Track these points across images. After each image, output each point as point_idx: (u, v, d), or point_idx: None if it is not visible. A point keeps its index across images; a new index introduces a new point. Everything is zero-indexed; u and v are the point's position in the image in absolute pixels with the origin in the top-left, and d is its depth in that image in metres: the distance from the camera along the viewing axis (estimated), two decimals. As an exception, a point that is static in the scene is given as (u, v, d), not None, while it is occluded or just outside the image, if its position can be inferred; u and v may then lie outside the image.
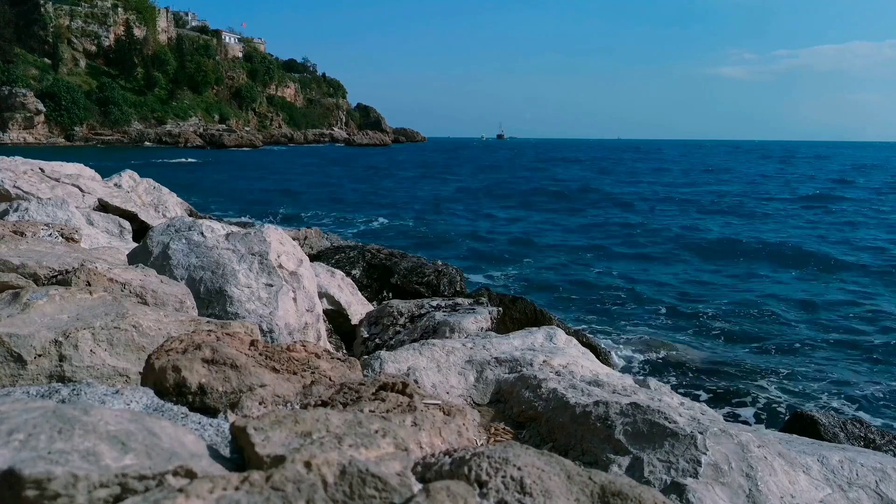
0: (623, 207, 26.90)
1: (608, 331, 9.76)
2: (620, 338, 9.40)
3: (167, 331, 1.93)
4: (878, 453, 2.49)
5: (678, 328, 9.99)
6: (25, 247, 2.89)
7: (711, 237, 19.19)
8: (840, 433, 4.84)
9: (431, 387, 2.65)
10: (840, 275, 14.19)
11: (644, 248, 17.46)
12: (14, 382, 1.64)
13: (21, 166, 6.42)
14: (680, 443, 1.99)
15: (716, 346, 9.24)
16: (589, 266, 14.92)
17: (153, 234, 3.62)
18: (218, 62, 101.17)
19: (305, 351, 1.76)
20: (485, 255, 16.07)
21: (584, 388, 2.50)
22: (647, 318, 10.54)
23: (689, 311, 10.95)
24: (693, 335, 9.66)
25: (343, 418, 1.14)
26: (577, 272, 14.21)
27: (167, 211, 8.36)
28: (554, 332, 3.40)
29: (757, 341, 9.44)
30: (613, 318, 10.52)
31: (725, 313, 10.85)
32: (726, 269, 14.85)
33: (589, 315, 10.70)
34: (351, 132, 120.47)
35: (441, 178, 42.84)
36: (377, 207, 25.05)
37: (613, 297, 11.86)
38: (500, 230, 20.27)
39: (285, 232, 4.40)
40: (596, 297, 11.86)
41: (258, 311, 3.30)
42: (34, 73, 74.81)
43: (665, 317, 10.61)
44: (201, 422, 1.31)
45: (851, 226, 22.12)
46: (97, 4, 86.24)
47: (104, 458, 0.88)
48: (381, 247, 8.58)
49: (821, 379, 8.05)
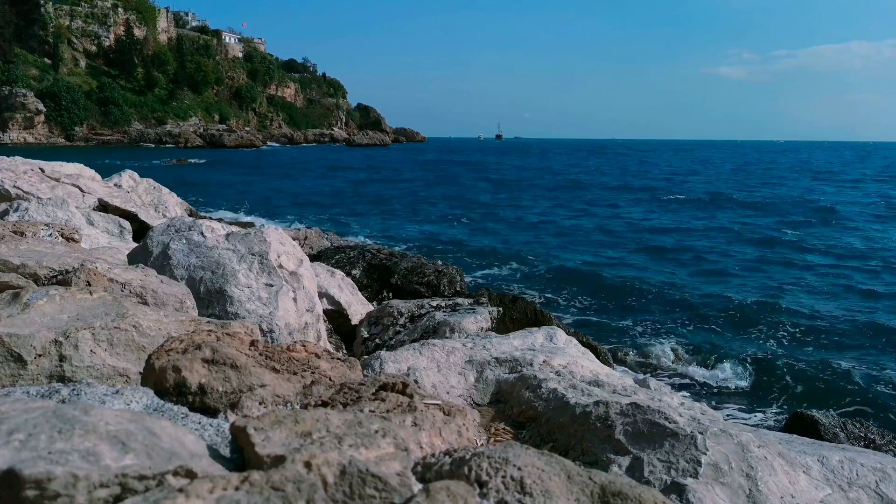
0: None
1: (608, 331, 9.76)
2: (620, 338, 9.41)
3: (167, 331, 1.93)
4: (878, 453, 2.49)
5: (678, 328, 9.99)
6: (25, 247, 2.89)
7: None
8: (840, 433, 4.84)
9: (431, 387, 2.65)
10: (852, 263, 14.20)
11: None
12: (14, 382, 1.63)
13: (21, 166, 6.42)
14: (680, 443, 1.99)
15: (716, 346, 9.24)
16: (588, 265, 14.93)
17: (153, 234, 3.62)
18: (218, 62, 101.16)
19: (305, 351, 1.76)
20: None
21: (584, 388, 2.50)
22: (647, 317, 10.54)
23: (689, 311, 10.95)
24: (693, 335, 9.66)
25: (343, 418, 1.14)
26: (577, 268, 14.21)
27: (167, 211, 8.37)
28: (554, 332, 3.40)
29: (757, 341, 9.44)
30: (613, 318, 10.53)
31: (726, 313, 10.85)
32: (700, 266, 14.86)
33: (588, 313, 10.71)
34: (351, 132, 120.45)
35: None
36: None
37: (614, 297, 11.86)
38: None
39: (285, 232, 4.40)
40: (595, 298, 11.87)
41: (258, 311, 3.30)
42: (34, 73, 74.82)
43: (665, 316, 10.61)
44: (201, 422, 1.31)
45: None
46: (97, 4, 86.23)
47: (104, 458, 0.88)
48: (381, 247, 8.58)
49: (821, 379, 8.05)
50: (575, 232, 20.40)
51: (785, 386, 7.81)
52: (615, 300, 11.69)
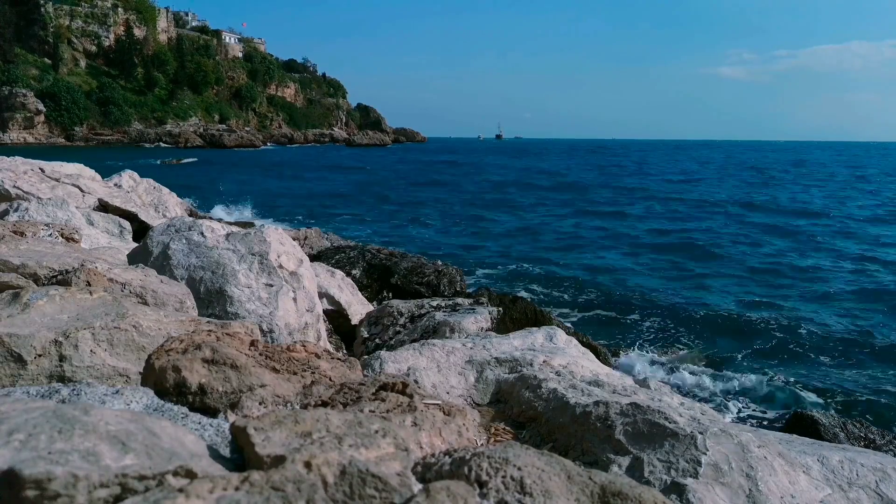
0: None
1: (609, 331, 9.76)
2: (620, 338, 9.40)
3: (167, 331, 1.93)
4: (878, 453, 2.49)
5: (678, 328, 9.99)
6: (25, 247, 2.89)
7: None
8: (840, 433, 4.85)
9: (431, 387, 2.65)
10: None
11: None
12: (14, 382, 1.63)
13: (21, 166, 6.42)
14: (680, 443, 1.99)
15: (716, 345, 9.24)
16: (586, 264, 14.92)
17: (153, 234, 3.62)
18: (218, 62, 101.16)
19: (305, 351, 1.76)
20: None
21: (584, 388, 2.50)
22: (648, 317, 10.54)
23: (689, 311, 10.94)
24: (694, 335, 9.66)
25: (343, 418, 1.14)
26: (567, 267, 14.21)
27: (167, 211, 8.37)
28: (554, 332, 3.40)
29: (757, 341, 9.44)
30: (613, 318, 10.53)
31: (726, 313, 10.85)
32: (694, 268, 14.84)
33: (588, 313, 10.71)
34: (351, 132, 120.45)
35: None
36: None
37: (614, 297, 11.86)
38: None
39: (285, 232, 4.40)
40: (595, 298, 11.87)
41: (258, 312, 3.30)
42: (34, 73, 74.82)
43: (665, 316, 10.61)
44: (201, 422, 1.31)
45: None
46: (97, 4, 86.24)
47: (104, 459, 0.88)
48: (381, 247, 8.59)
49: (822, 379, 8.05)
50: (575, 232, 20.41)
51: (785, 386, 7.81)
52: (615, 300, 11.69)
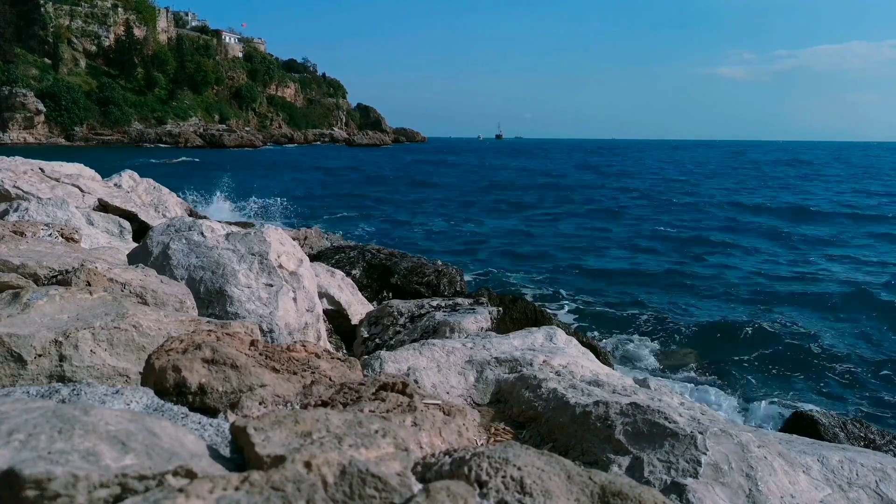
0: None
1: (609, 331, 9.76)
2: (621, 338, 9.40)
3: (167, 331, 1.93)
4: (878, 453, 2.49)
5: (679, 328, 9.99)
6: (25, 247, 2.89)
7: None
8: (840, 433, 4.85)
9: (431, 387, 2.65)
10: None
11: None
12: (14, 382, 1.63)
13: (21, 166, 6.42)
14: (680, 443, 1.99)
15: (716, 346, 9.24)
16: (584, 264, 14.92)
17: (153, 234, 3.62)
18: (218, 62, 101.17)
19: (305, 351, 1.75)
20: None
21: (584, 388, 2.50)
22: (648, 318, 10.54)
23: (689, 311, 10.95)
24: (694, 335, 9.66)
25: (343, 418, 1.14)
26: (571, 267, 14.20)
27: (167, 211, 8.37)
28: (554, 332, 3.39)
29: (757, 341, 9.44)
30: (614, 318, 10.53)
31: (726, 314, 10.85)
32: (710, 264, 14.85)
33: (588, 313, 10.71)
34: (351, 132, 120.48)
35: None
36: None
37: (614, 297, 11.86)
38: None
39: (285, 232, 4.40)
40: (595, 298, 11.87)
41: (258, 311, 3.30)
42: (34, 73, 74.84)
43: (665, 317, 10.61)
44: (201, 422, 1.31)
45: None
46: (97, 4, 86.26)
47: (104, 459, 0.88)
48: (381, 247, 8.59)
49: (821, 379, 8.05)
50: (575, 232, 20.41)
51: (785, 386, 7.81)
52: (615, 300, 11.69)
